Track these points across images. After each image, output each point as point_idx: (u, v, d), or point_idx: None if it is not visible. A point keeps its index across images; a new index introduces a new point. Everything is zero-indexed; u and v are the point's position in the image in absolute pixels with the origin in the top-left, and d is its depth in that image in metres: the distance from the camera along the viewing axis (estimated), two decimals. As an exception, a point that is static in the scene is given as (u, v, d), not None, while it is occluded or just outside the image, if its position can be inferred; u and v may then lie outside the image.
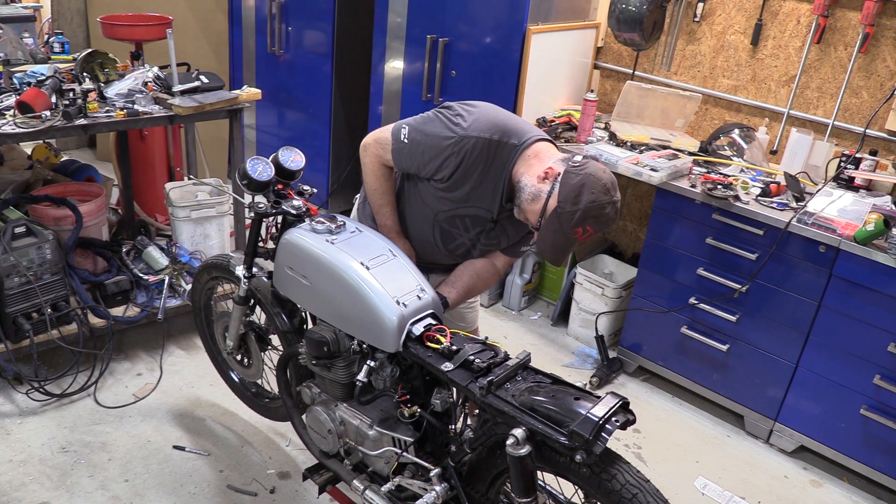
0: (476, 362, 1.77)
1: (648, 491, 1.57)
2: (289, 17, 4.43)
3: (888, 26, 2.96)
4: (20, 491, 2.46)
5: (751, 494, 2.79)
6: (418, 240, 2.21)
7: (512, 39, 3.35)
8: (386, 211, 2.19)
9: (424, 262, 2.23)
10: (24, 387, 2.86)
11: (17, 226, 2.78)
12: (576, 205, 1.80)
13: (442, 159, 1.95)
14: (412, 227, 2.21)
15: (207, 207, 3.37)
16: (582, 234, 1.84)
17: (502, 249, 2.19)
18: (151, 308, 3.14)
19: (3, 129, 2.63)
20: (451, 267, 2.23)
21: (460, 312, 2.41)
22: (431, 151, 1.97)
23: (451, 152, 1.93)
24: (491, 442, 1.78)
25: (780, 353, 2.93)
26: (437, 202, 2.07)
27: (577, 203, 1.80)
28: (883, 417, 2.68)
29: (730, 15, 3.38)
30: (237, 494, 2.53)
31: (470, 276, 2.17)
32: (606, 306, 3.49)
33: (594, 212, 1.82)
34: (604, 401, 1.59)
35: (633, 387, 3.37)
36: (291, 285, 2.13)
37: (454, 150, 1.93)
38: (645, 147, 3.30)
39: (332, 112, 4.44)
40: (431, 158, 1.97)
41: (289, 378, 2.34)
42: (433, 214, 2.11)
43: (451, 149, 1.93)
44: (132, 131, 3.80)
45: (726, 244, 2.95)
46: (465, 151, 1.92)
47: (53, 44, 3.57)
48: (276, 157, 2.21)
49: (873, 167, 2.98)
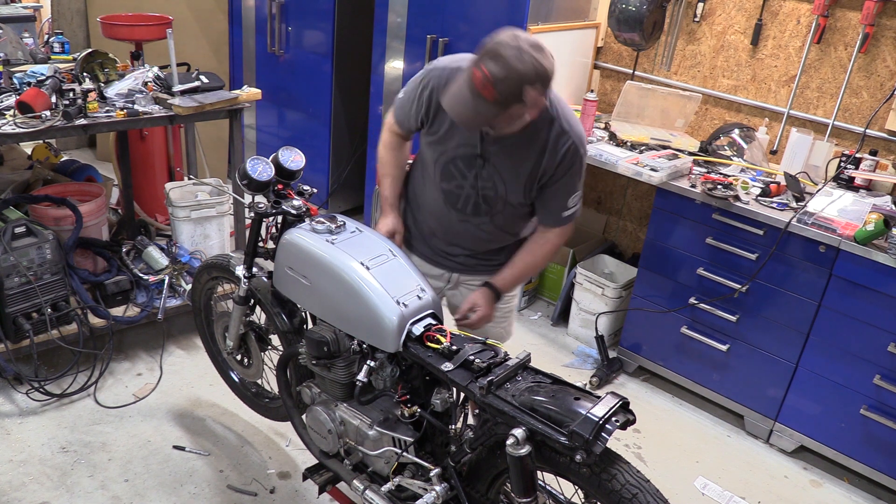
0: (476, 362, 1.77)
1: (648, 491, 1.57)
2: (289, 17, 4.43)
3: (888, 26, 2.96)
4: (20, 491, 2.46)
5: (751, 494, 2.79)
6: (432, 212, 2.23)
7: (512, 39, 3.34)
8: (387, 182, 2.26)
9: (448, 241, 2.25)
10: (24, 387, 2.86)
11: (17, 226, 2.78)
12: (480, 48, 1.82)
13: (418, 94, 2.09)
14: (425, 200, 2.25)
15: (207, 207, 3.37)
16: (479, 76, 1.75)
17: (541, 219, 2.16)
18: (151, 308, 3.14)
19: (3, 129, 2.63)
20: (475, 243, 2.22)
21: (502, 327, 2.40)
22: (412, 93, 2.11)
23: (423, 84, 2.07)
24: (491, 442, 1.78)
25: (780, 353, 2.93)
26: (432, 152, 2.13)
27: (482, 47, 1.82)
28: (883, 417, 2.68)
29: (730, 15, 3.38)
30: (237, 494, 2.53)
31: (519, 256, 2.19)
32: (606, 306, 3.49)
33: (493, 51, 1.77)
34: (604, 401, 1.59)
35: (633, 387, 3.37)
36: (291, 285, 2.13)
37: (425, 83, 2.07)
38: (645, 147, 3.30)
39: (332, 112, 4.44)
40: (414, 99, 2.10)
41: (289, 378, 2.34)
42: (433, 172, 2.15)
43: (423, 82, 2.08)
44: (132, 131, 3.80)
45: (726, 244, 2.95)
46: (432, 79, 2.05)
47: (53, 44, 3.57)
48: (276, 157, 2.22)
49: (873, 167, 2.98)
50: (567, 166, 2.02)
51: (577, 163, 2.04)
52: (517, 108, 1.82)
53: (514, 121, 1.89)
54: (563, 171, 2.03)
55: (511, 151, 2.02)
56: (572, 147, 2.00)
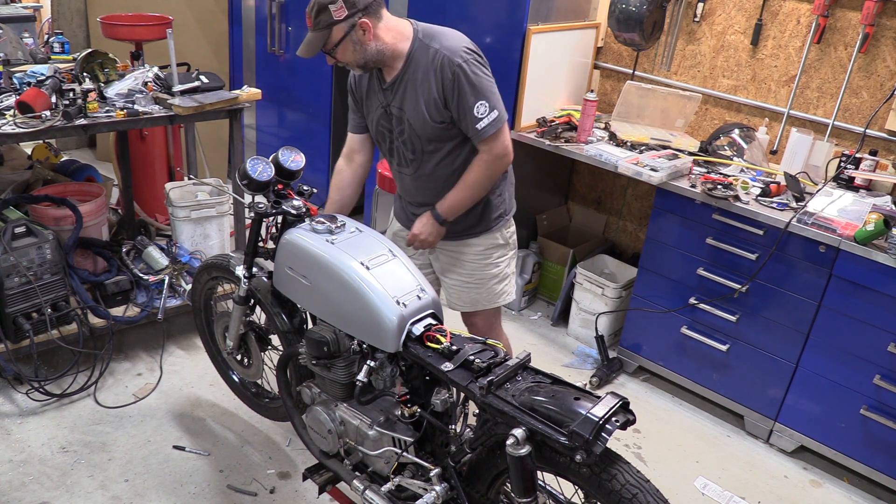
0: (476, 362, 1.77)
1: (648, 491, 1.57)
2: (289, 17, 4.43)
3: (888, 26, 2.96)
4: (20, 491, 2.46)
5: (751, 494, 2.79)
6: (395, 178, 2.48)
7: (512, 39, 3.35)
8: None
9: (412, 202, 2.45)
10: (24, 387, 2.86)
11: (17, 226, 2.78)
12: None
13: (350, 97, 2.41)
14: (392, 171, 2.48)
15: (207, 207, 3.37)
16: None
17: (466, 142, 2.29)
18: (151, 308, 3.14)
19: (3, 129, 2.63)
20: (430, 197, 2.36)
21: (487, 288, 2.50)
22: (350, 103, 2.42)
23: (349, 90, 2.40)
24: (491, 442, 1.78)
25: (780, 353, 2.93)
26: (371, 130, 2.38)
27: None
28: (883, 417, 2.68)
29: (730, 15, 3.38)
30: (237, 494, 2.53)
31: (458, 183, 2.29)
32: (606, 306, 3.49)
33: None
34: (604, 401, 1.59)
35: (633, 387, 3.37)
36: (291, 285, 2.13)
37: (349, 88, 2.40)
38: (645, 147, 3.30)
39: (332, 112, 4.44)
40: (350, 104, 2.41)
41: (289, 378, 2.34)
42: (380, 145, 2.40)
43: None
44: (132, 131, 3.80)
45: (726, 244, 2.95)
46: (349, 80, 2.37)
47: (53, 44, 3.57)
48: (276, 157, 2.22)
49: (873, 167, 2.98)
50: (451, 80, 2.13)
51: (459, 72, 2.12)
52: (337, 29, 2.09)
53: (352, 47, 2.12)
54: (452, 86, 2.14)
55: (406, 91, 2.20)
56: (445, 60, 2.13)
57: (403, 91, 2.21)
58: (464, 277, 2.48)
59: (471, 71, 2.13)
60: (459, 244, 2.44)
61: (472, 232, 2.42)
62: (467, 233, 2.42)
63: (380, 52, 2.16)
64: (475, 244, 2.44)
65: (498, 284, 2.51)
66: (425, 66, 2.15)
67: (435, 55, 2.13)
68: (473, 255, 2.45)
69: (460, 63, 2.11)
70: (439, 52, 2.13)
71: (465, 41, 2.18)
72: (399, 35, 2.18)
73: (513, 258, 2.57)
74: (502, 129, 2.22)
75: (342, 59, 2.18)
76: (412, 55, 2.17)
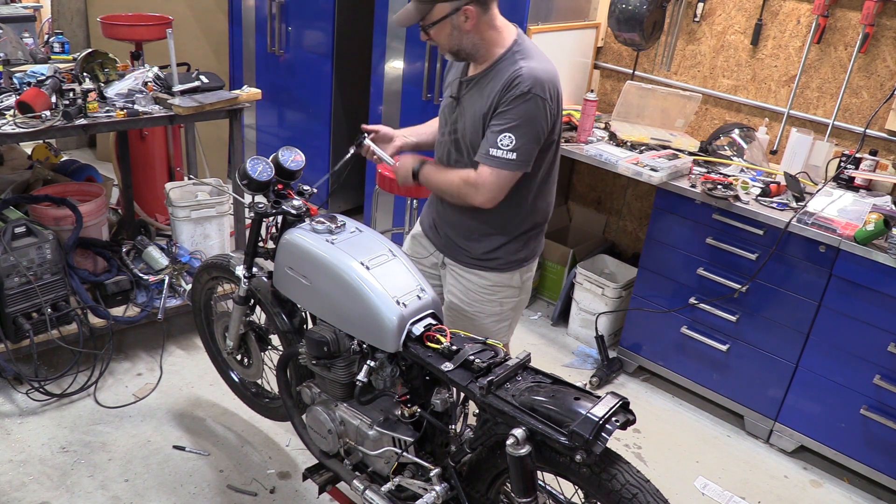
0: (476, 362, 1.77)
1: (648, 491, 1.57)
2: (289, 17, 4.43)
3: (888, 26, 2.96)
4: (20, 491, 2.46)
5: (751, 494, 2.79)
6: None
7: (512, 39, 3.34)
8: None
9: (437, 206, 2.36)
10: (24, 387, 2.86)
11: (17, 226, 2.78)
12: None
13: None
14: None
15: (207, 207, 3.37)
16: None
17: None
18: (151, 308, 3.14)
19: (3, 129, 2.63)
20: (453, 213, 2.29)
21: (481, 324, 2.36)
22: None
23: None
24: (491, 442, 1.78)
25: (780, 353, 2.93)
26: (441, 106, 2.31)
27: None
28: (883, 417, 2.68)
29: (730, 15, 3.38)
30: (237, 494, 2.53)
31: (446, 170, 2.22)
32: (606, 306, 3.49)
33: None
34: (604, 401, 1.59)
35: (633, 387, 3.37)
36: (291, 285, 2.13)
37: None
38: (645, 147, 3.30)
39: (332, 112, 4.44)
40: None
41: (289, 378, 2.34)
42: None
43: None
44: (132, 131, 3.80)
45: (726, 244, 2.95)
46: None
47: (53, 44, 3.58)
48: (276, 157, 2.22)
49: (873, 167, 2.98)
50: (508, 98, 2.02)
51: (520, 97, 2.00)
52: (440, 7, 1.99)
53: (449, 30, 2.04)
54: (504, 103, 2.03)
55: (479, 91, 2.12)
56: (522, 80, 2.01)
57: (478, 89, 2.11)
58: (461, 304, 2.33)
59: (532, 105, 2.01)
60: (467, 271, 2.30)
61: (482, 265, 2.27)
62: (477, 264, 2.28)
63: (475, 46, 2.07)
64: (484, 277, 2.28)
65: (495, 324, 2.34)
66: (501, 77, 2.04)
67: (517, 72, 2.02)
68: (479, 287, 2.29)
69: (525, 91, 2.00)
70: (524, 71, 2.01)
71: (554, 80, 2.07)
72: (499, 38, 2.08)
73: (521, 304, 2.39)
74: (505, 172, 2.06)
75: (436, 38, 2.07)
76: (498, 63, 2.07)
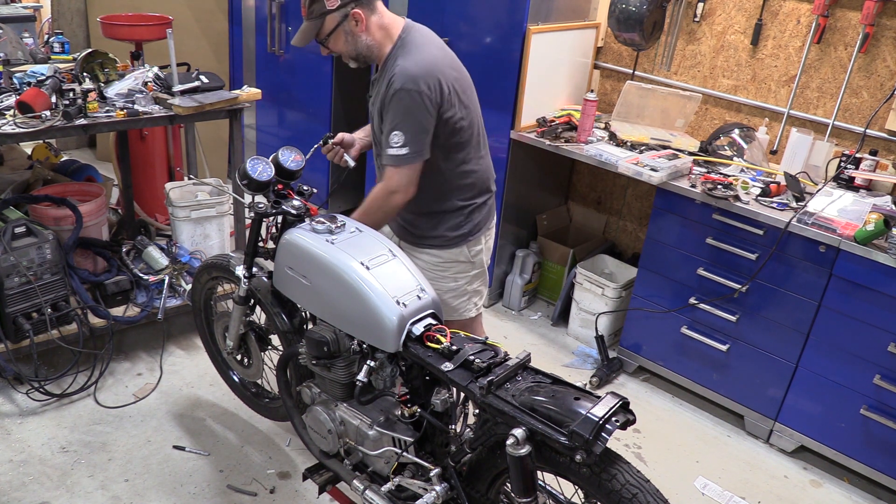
0: (476, 362, 1.77)
1: (648, 491, 1.57)
2: (289, 17, 4.43)
3: (888, 26, 2.96)
4: (20, 491, 2.46)
5: (751, 494, 2.79)
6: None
7: (512, 39, 3.35)
8: None
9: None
10: (24, 387, 2.86)
11: (17, 226, 2.78)
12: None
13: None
14: None
15: (207, 207, 3.37)
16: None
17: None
18: (151, 308, 3.14)
19: (3, 129, 2.63)
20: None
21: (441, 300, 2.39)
22: None
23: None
24: (491, 442, 1.78)
25: (780, 353, 2.93)
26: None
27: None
28: (883, 417, 2.68)
29: (730, 15, 3.38)
30: (237, 494, 2.53)
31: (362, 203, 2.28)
32: (606, 306, 3.49)
33: None
34: (604, 401, 1.59)
35: (633, 387, 3.37)
36: (291, 285, 2.13)
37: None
38: (645, 147, 3.30)
39: (332, 112, 4.44)
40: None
41: (289, 378, 2.34)
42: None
43: None
44: (132, 131, 3.80)
45: (726, 244, 2.95)
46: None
47: (53, 44, 3.57)
48: (276, 157, 2.22)
49: (873, 167, 2.98)
50: (387, 99, 2.13)
51: (395, 96, 2.10)
52: (330, 18, 2.11)
53: (344, 37, 2.15)
54: (386, 104, 2.15)
55: (377, 91, 2.23)
56: (395, 79, 2.11)
57: (375, 92, 2.25)
58: None
59: (408, 100, 2.09)
60: (418, 251, 2.39)
61: (428, 242, 2.37)
62: (423, 242, 2.38)
63: (369, 48, 2.19)
64: (434, 255, 2.37)
65: (454, 299, 2.43)
66: (387, 77, 2.15)
67: (393, 72, 2.12)
68: (431, 265, 2.38)
69: (402, 89, 2.09)
70: (397, 69, 2.12)
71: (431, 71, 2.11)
72: (387, 36, 2.20)
73: (477, 277, 2.46)
74: (405, 167, 2.15)
75: (335, 49, 2.20)
76: (387, 62, 2.19)
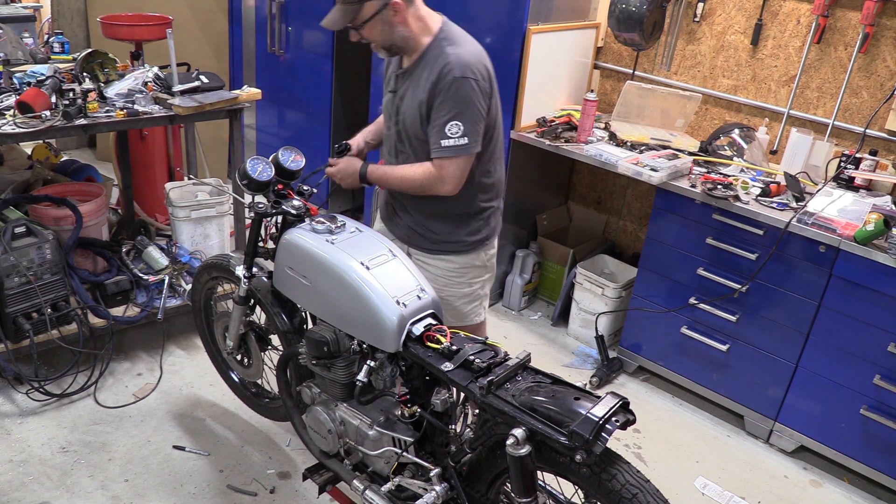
0: (476, 362, 1.77)
1: (648, 491, 1.57)
2: (289, 17, 4.43)
3: (888, 26, 2.96)
4: (20, 491, 2.46)
5: (751, 494, 2.79)
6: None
7: (512, 39, 3.35)
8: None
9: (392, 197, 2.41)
10: (24, 387, 2.86)
11: (17, 226, 2.78)
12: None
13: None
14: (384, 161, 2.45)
15: (207, 207, 3.37)
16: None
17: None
18: (151, 308, 3.14)
19: (3, 129, 2.63)
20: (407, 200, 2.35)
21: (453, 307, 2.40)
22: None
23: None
24: (491, 442, 1.78)
25: (780, 353, 2.93)
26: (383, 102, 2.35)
27: None
28: (883, 417, 2.68)
29: (730, 15, 3.38)
30: (237, 494, 2.53)
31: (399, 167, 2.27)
32: (606, 306, 3.49)
33: None
34: (604, 401, 1.59)
35: (633, 387, 3.37)
36: (291, 285, 2.13)
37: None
38: (645, 147, 3.30)
39: (332, 112, 4.44)
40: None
41: (289, 378, 2.34)
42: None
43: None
44: (132, 131, 3.80)
45: (726, 244, 2.95)
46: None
47: (53, 44, 3.57)
48: (276, 157, 2.22)
49: (873, 167, 2.98)
50: (443, 88, 2.09)
51: (453, 86, 2.07)
52: (369, 5, 2.06)
53: (380, 26, 2.10)
54: (440, 94, 2.10)
55: (413, 81, 2.18)
56: (450, 69, 2.08)
57: (409, 84, 2.19)
58: None
59: (467, 88, 2.08)
60: (432, 258, 2.35)
61: (446, 249, 2.34)
62: (441, 249, 2.34)
63: (405, 39, 2.14)
64: (450, 261, 2.35)
65: (467, 305, 2.41)
66: (432, 67, 2.12)
67: (446, 60, 2.09)
68: (446, 271, 2.35)
69: (457, 77, 2.07)
70: (451, 58, 2.09)
71: (481, 60, 2.14)
72: (425, 28, 2.15)
73: (489, 281, 2.46)
74: (462, 158, 2.15)
75: (368, 36, 2.14)
76: (427, 52, 2.15)
